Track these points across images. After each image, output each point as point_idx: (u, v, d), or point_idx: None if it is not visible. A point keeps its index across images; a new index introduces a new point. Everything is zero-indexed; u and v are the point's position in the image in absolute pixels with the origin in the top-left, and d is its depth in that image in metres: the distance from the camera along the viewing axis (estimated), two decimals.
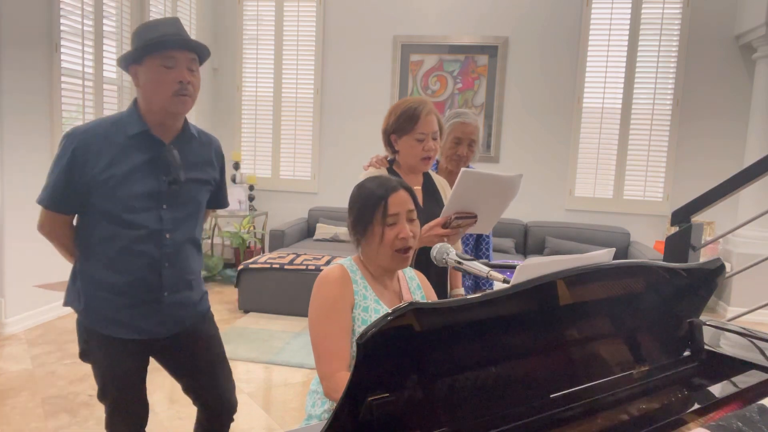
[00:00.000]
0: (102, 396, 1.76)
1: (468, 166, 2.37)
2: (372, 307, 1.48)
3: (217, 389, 1.90)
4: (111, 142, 1.64)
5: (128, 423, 1.77)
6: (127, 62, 1.66)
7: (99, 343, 1.72)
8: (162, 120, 1.67)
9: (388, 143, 2.02)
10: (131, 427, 1.78)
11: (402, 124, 1.94)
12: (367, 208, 1.48)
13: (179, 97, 1.62)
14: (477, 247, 2.42)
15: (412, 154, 1.96)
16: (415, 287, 1.64)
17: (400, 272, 1.63)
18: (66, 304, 1.78)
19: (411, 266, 1.66)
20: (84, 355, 1.77)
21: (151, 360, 1.85)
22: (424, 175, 2.08)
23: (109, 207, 1.64)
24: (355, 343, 1.39)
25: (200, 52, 1.68)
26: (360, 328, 1.44)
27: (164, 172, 1.68)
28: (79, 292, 1.73)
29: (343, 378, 1.35)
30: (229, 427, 1.95)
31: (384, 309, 1.49)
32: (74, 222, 1.75)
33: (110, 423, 1.78)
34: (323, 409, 1.46)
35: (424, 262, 1.77)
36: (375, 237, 1.47)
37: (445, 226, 1.82)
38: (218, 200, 1.94)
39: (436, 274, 1.98)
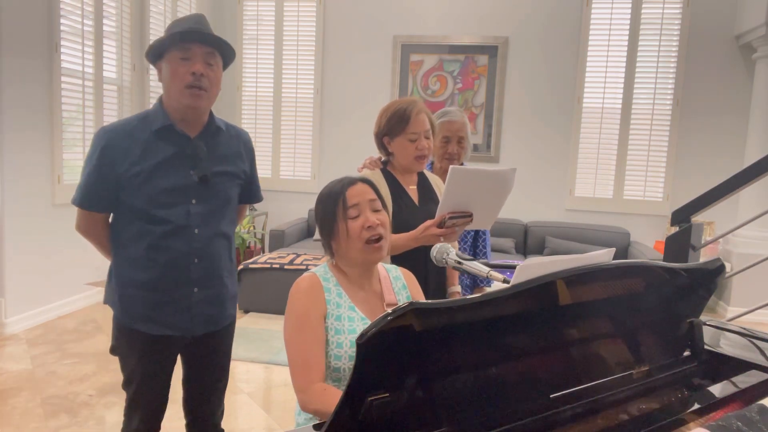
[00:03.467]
0: (125, 386, 1.80)
1: (462, 164, 2.36)
2: (345, 315, 1.44)
3: (209, 407, 1.91)
4: (137, 138, 1.65)
5: (144, 415, 1.80)
6: (153, 57, 1.69)
7: (130, 339, 1.74)
8: (183, 114, 1.68)
9: (381, 146, 2.02)
10: (146, 420, 1.81)
11: (393, 125, 1.94)
12: (327, 207, 1.47)
13: (192, 89, 1.63)
14: (474, 245, 2.41)
15: (406, 154, 1.95)
16: (401, 287, 1.58)
17: (382, 272, 1.58)
18: (105, 302, 1.81)
19: (390, 262, 1.63)
20: (113, 350, 1.80)
21: None
22: (419, 174, 2.08)
23: (137, 203, 1.65)
24: (332, 353, 1.40)
25: (220, 47, 1.69)
26: (333, 338, 1.41)
27: (191, 166, 1.68)
28: (114, 290, 1.75)
29: (317, 390, 1.33)
30: None
31: (359, 315, 1.45)
32: (110, 220, 1.77)
33: (128, 411, 1.81)
34: (308, 416, 1.43)
35: (422, 261, 1.76)
36: (341, 233, 1.45)
37: (440, 225, 1.82)
38: (251, 194, 1.94)
39: (436, 274, 1.98)
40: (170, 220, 1.66)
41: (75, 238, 4.51)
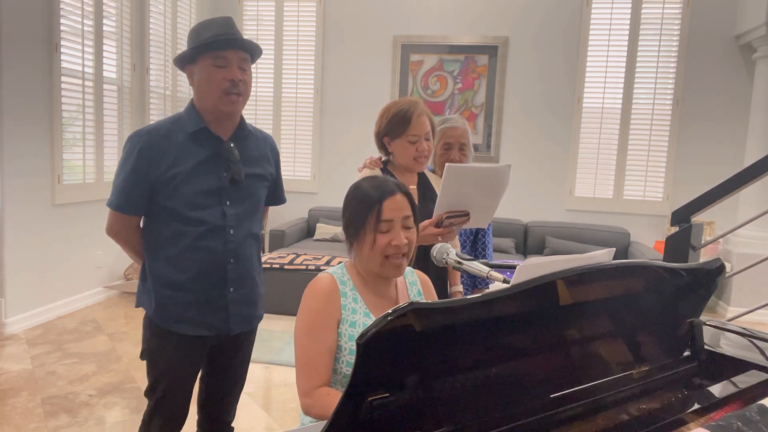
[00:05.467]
0: (150, 392, 1.78)
1: None
2: (360, 321, 1.41)
3: (224, 406, 1.93)
4: (173, 140, 1.67)
5: (165, 424, 1.78)
6: (182, 62, 1.70)
7: (163, 340, 1.74)
8: (217, 118, 1.70)
9: (381, 146, 2.03)
10: (165, 429, 1.79)
11: (394, 126, 1.94)
12: (360, 212, 1.41)
13: (230, 96, 1.66)
14: (474, 246, 2.41)
15: (406, 156, 1.96)
16: (416, 293, 1.56)
17: (399, 277, 1.55)
18: (138, 305, 1.81)
19: (410, 266, 1.63)
20: (143, 354, 1.80)
21: None
22: (419, 174, 2.08)
23: (173, 205, 1.66)
24: (344, 359, 1.38)
25: (252, 51, 1.71)
26: (347, 344, 1.39)
27: (225, 168, 1.70)
28: (149, 293, 1.74)
29: (320, 394, 1.32)
30: None
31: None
32: (141, 224, 1.77)
33: (147, 418, 1.80)
34: (314, 419, 1.43)
35: (422, 260, 1.76)
36: (366, 242, 1.40)
37: (437, 225, 1.82)
38: (276, 196, 1.96)
39: (436, 274, 1.98)
40: (206, 220, 1.68)
41: (75, 238, 4.51)
